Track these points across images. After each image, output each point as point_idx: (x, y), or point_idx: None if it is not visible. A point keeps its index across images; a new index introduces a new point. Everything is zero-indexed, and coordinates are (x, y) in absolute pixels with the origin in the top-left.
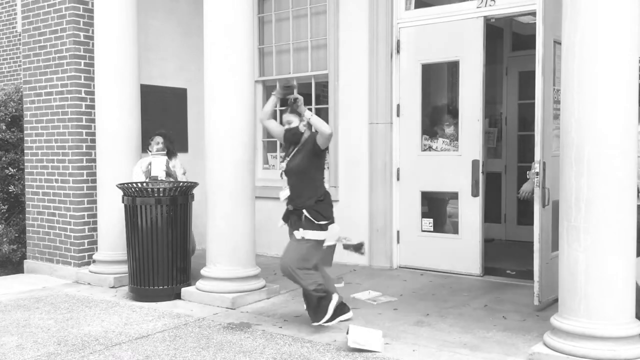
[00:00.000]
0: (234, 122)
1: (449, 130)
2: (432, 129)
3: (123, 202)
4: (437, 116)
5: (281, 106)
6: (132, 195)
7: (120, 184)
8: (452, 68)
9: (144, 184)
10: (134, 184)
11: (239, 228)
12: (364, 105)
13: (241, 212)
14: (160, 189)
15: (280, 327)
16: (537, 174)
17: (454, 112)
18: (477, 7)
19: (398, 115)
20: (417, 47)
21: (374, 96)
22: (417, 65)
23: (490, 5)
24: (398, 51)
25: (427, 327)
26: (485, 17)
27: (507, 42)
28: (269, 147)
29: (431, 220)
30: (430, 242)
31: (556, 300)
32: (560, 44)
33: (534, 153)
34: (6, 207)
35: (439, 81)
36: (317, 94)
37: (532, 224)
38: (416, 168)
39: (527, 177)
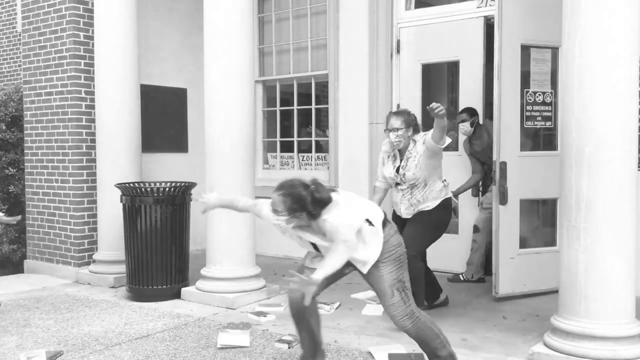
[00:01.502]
0: (233, 122)
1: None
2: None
3: (121, 201)
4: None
5: (281, 105)
6: (131, 195)
7: (119, 184)
8: (452, 68)
9: (142, 184)
10: (132, 184)
11: (239, 228)
12: (364, 105)
13: None
14: (159, 189)
15: (281, 327)
16: (494, 172)
17: (454, 112)
18: (477, 7)
19: None
20: (417, 47)
21: (374, 96)
22: (417, 65)
23: (490, 5)
24: (398, 51)
25: None
26: (485, 17)
27: None
28: (269, 147)
29: None
30: None
31: (527, 295)
32: (531, 47)
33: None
34: (6, 207)
35: (439, 81)
36: (317, 94)
37: None
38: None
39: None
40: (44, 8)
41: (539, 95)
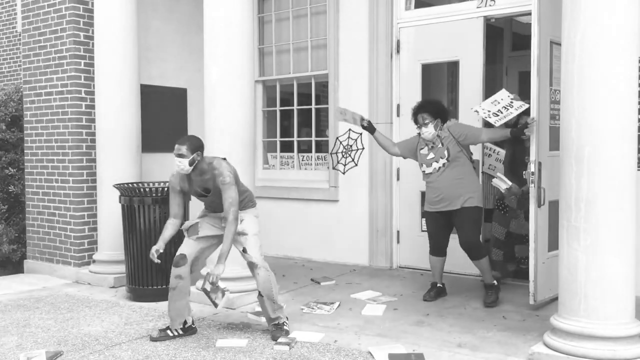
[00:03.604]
0: (233, 122)
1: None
2: None
3: (120, 202)
4: None
5: (281, 105)
6: (129, 195)
7: (117, 184)
8: (452, 68)
9: (141, 184)
10: (130, 184)
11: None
12: (364, 105)
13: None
14: (157, 189)
15: None
16: (533, 173)
17: (454, 112)
18: (477, 7)
19: (398, 115)
20: (417, 47)
21: (374, 96)
22: (417, 65)
23: (490, 5)
24: (398, 51)
25: (428, 327)
26: (485, 17)
27: (507, 42)
28: (269, 147)
29: None
30: None
31: (554, 300)
32: (557, 44)
33: (529, 153)
34: (6, 207)
35: (439, 81)
36: (317, 94)
37: None
38: (416, 168)
39: (524, 177)
40: (44, 8)
41: (558, 93)
